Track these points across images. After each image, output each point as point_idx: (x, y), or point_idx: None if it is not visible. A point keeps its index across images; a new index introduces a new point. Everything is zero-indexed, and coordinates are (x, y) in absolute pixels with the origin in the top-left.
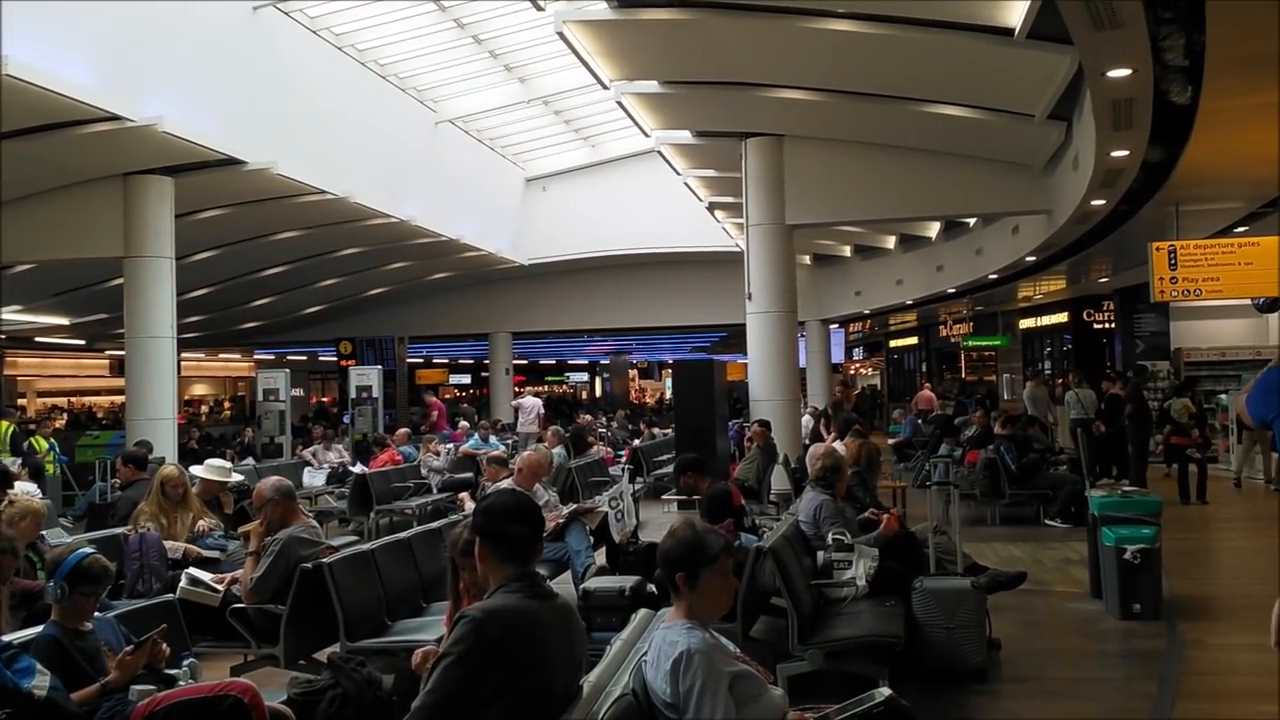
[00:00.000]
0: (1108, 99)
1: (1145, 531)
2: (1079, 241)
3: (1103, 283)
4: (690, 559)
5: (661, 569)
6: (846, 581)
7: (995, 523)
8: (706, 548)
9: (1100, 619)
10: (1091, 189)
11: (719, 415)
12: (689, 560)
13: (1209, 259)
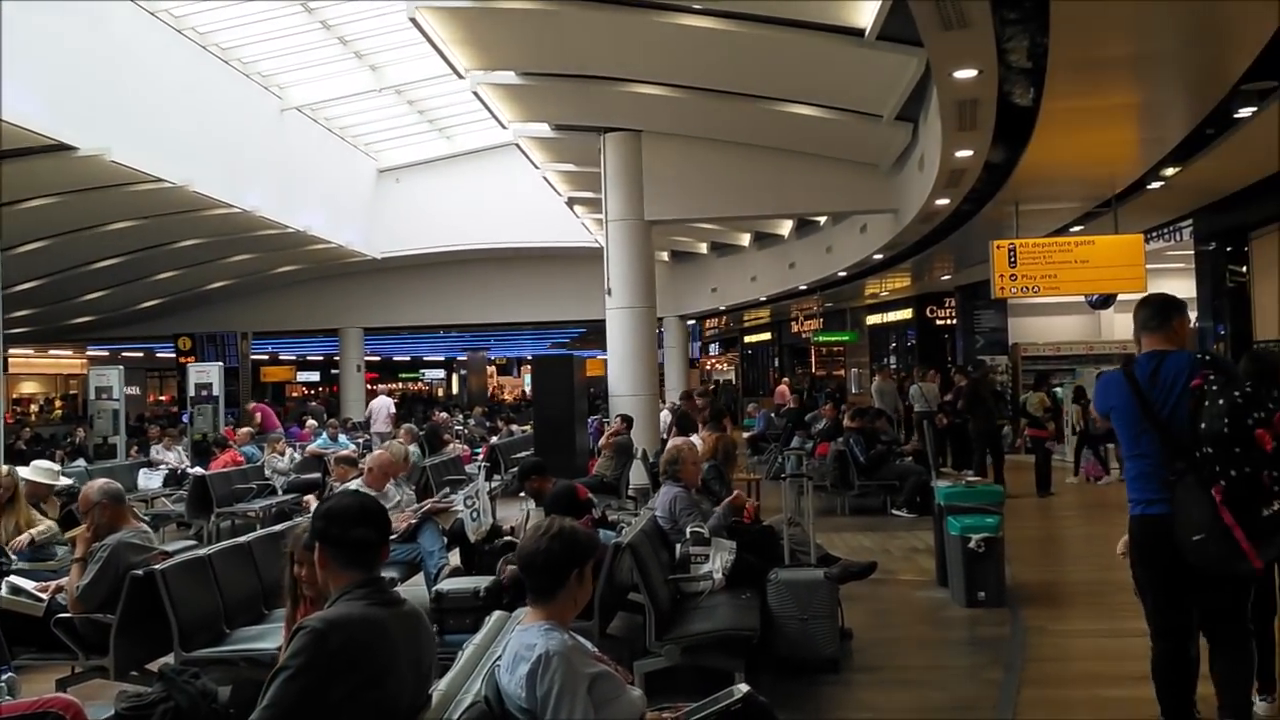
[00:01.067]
0: (954, 100)
1: (989, 521)
2: (924, 240)
3: (945, 280)
4: (569, 558)
5: (531, 568)
6: (703, 575)
7: (845, 513)
8: (586, 547)
9: (947, 607)
10: (936, 189)
11: (578, 411)
12: (566, 560)
13: (1047, 257)
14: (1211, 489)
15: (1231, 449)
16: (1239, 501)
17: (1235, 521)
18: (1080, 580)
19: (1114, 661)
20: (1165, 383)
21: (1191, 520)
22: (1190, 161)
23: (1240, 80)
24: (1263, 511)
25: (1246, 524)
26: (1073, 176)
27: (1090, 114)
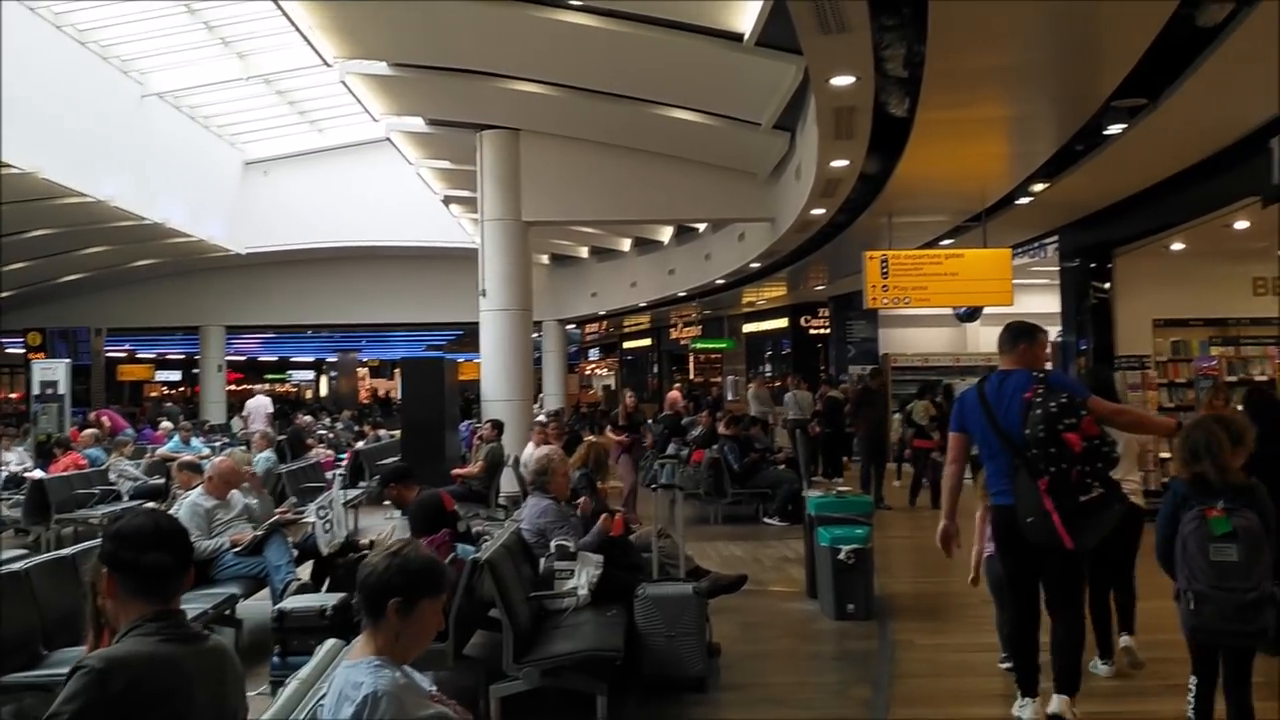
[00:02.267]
0: (831, 107)
1: (858, 531)
2: (800, 249)
3: (820, 290)
4: (412, 586)
5: (363, 586)
6: (567, 592)
7: (718, 521)
8: (434, 577)
9: (816, 619)
10: (812, 198)
11: (449, 415)
12: (410, 587)
13: (918, 269)
14: (1038, 481)
15: (1049, 450)
16: (1058, 491)
17: (1054, 508)
18: (948, 592)
19: (982, 678)
20: (1006, 396)
21: (1025, 506)
22: (1059, 178)
23: (1111, 96)
24: (1079, 498)
25: (1064, 509)
26: (945, 189)
27: (963, 126)
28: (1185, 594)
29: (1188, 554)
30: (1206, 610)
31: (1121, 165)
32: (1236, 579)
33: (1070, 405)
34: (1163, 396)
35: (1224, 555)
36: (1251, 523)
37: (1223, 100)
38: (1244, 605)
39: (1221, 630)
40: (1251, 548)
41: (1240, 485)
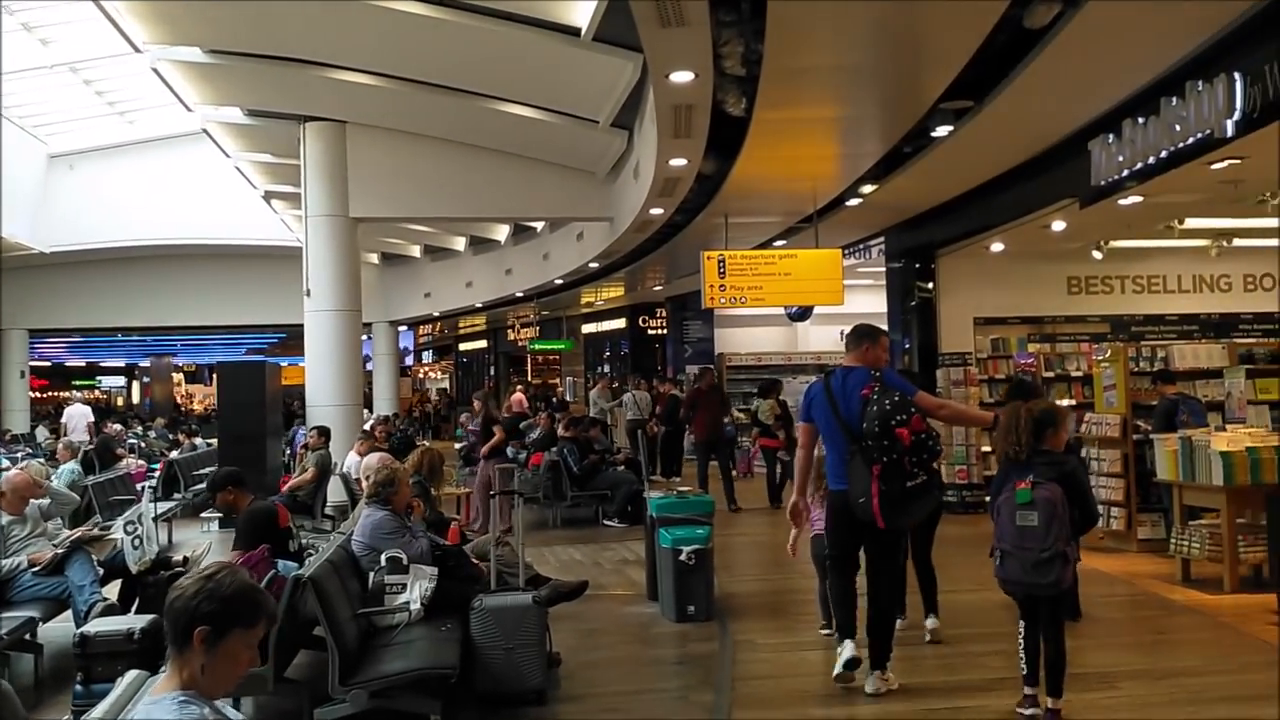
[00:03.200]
0: (670, 104)
1: (699, 532)
2: (638, 249)
3: (658, 290)
4: (222, 615)
5: (173, 617)
6: (399, 607)
7: (557, 525)
8: (249, 606)
9: (657, 622)
10: (651, 197)
11: (270, 423)
12: (220, 616)
13: (754, 269)
14: (872, 468)
15: (883, 442)
16: (888, 477)
17: (877, 491)
18: (789, 589)
19: (822, 677)
20: (848, 391)
21: (858, 489)
22: (887, 180)
23: (939, 99)
24: (907, 484)
25: (889, 493)
26: (779, 190)
27: (797, 126)
28: (996, 551)
29: (1000, 519)
30: (1009, 565)
31: (947, 167)
32: (1034, 541)
33: (903, 403)
34: (984, 392)
35: (1026, 521)
36: (1053, 494)
37: (1045, 103)
38: (1039, 562)
39: (1022, 582)
40: (1050, 515)
41: (1049, 461)
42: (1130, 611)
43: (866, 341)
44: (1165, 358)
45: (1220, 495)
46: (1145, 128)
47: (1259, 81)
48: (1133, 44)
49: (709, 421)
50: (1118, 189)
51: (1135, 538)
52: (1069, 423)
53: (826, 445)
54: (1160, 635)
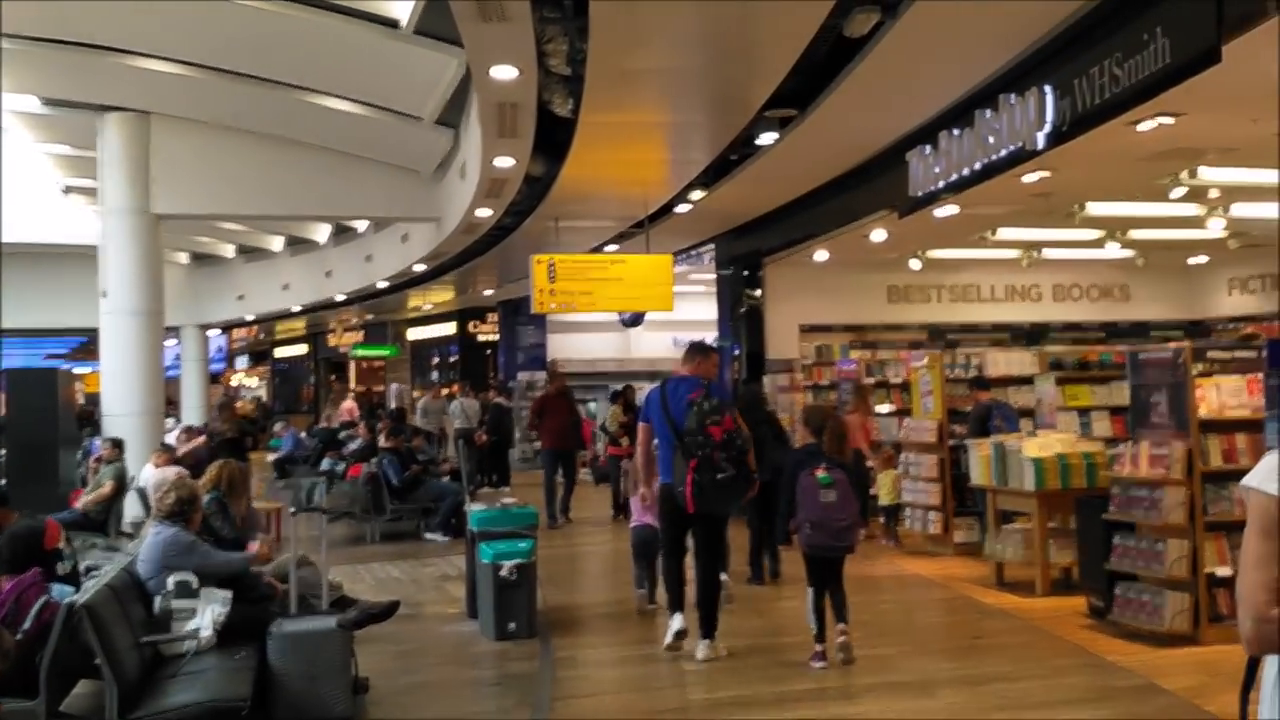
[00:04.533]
0: (494, 102)
1: (522, 546)
2: (466, 251)
3: (488, 294)
4: None
5: None
6: (188, 634)
7: (376, 540)
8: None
9: (476, 641)
10: (478, 198)
11: (64, 433)
12: None
13: (585, 274)
14: (689, 461)
15: (697, 437)
16: (701, 469)
17: (690, 482)
18: (612, 600)
19: (643, 693)
20: (679, 396)
21: (679, 479)
22: (716, 187)
23: (764, 106)
24: (716, 476)
25: (701, 483)
26: (610, 194)
27: (626, 129)
28: (804, 525)
29: (806, 498)
30: (817, 535)
31: (773, 176)
32: (834, 513)
33: (720, 405)
34: (809, 397)
35: (827, 498)
36: (842, 478)
37: (865, 114)
38: (839, 530)
39: (826, 545)
40: (843, 494)
41: (838, 455)
42: (947, 616)
43: (699, 356)
44: (980, 365)
45: (1032, 500)
46: (960, 140)
47: (1069, 95)
48: (948, 57)
49: (557, 429)
50: (934, 200)
51: (952, 541)
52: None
53: (660, 444)
54: (977, 640)
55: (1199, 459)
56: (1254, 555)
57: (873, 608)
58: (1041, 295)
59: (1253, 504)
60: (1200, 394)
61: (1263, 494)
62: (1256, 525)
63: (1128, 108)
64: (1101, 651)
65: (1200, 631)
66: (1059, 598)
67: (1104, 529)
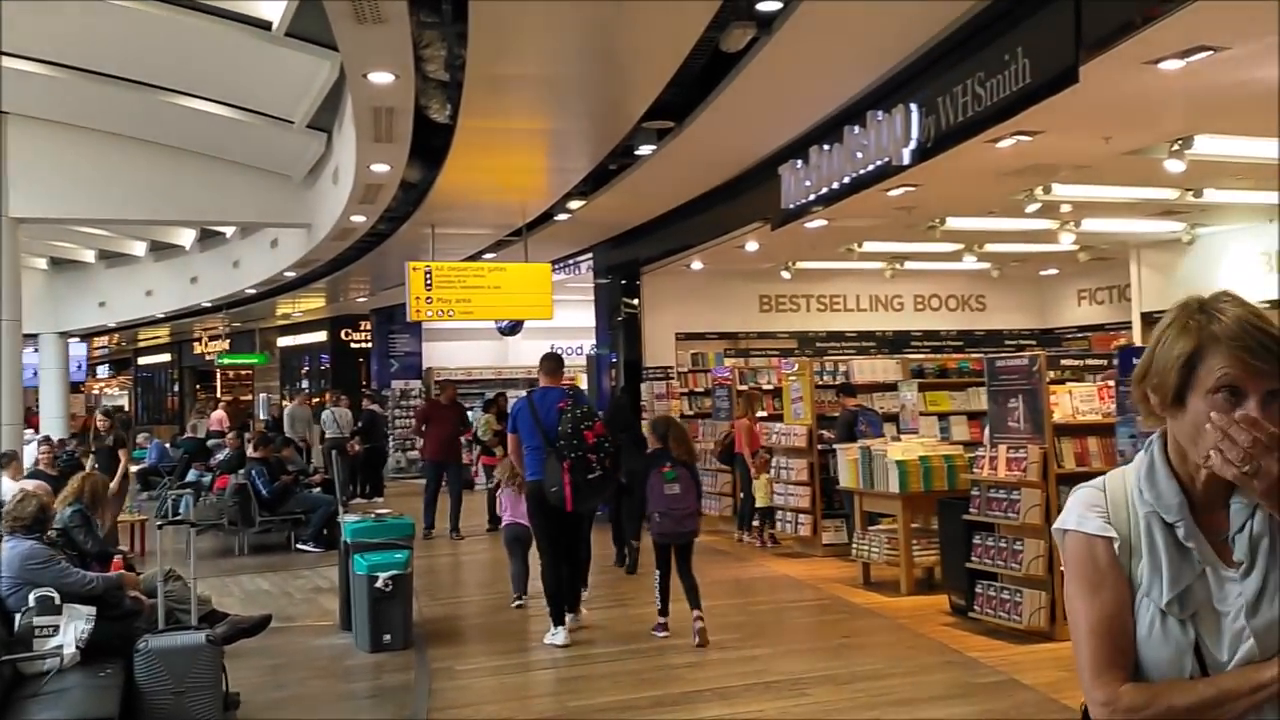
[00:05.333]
0: (369, 106)
1: (398, 556)
2: (339, 258)
3: (361, 302)
4: None
5: None
6: (50, 651)
7: (244, 553)
8: None
9: (350, 653)
10: (351, 204)
11: None
12: None
13: (462, 281)
14: (563, 463)
15: (573, 441)
16: (575, 470)
17: (568, 482)
18: (489, 610)
19: (522, 701)
20: (548, 405)
21: (552, 480)
22: (595, 196)
23: (643, 117)
24: (588, 476)
25: (575, 483)
26: (488, 201)
27: (504, 136)
28: (654, 515)
29: (654, 492)
30: (664, 523)
31: (650, 186)
32: (678, 503)
33: (590, 413)
34: (685, 405)
35: (672, 491)
36: (685, 474)
37: (740, 128)
38: (683, 517)
39: (672, 532)
40: (685, 487)
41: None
42: (817, 616)
43: (559, 368)
44: (846, 372)
45: (896, 502)
46: (830, 155)
47: (934, 113)
48: (820, 73)
49: (443, 440)
50: (805, 212)
51: (820, 543)
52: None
53: (527, 448)
54: (845, 639)
55: (1054, 461)
56: (1086, 619)
57: (746, 609)
58: (903, 305)
59: (1071, 552)
60: (1054, 400)
61: (1081, 535)
62: (1080, 578)
63: (989, 126)
64: (964, 648)
65: (1057, 628)
66: (923, 596)
67: (964, 529)
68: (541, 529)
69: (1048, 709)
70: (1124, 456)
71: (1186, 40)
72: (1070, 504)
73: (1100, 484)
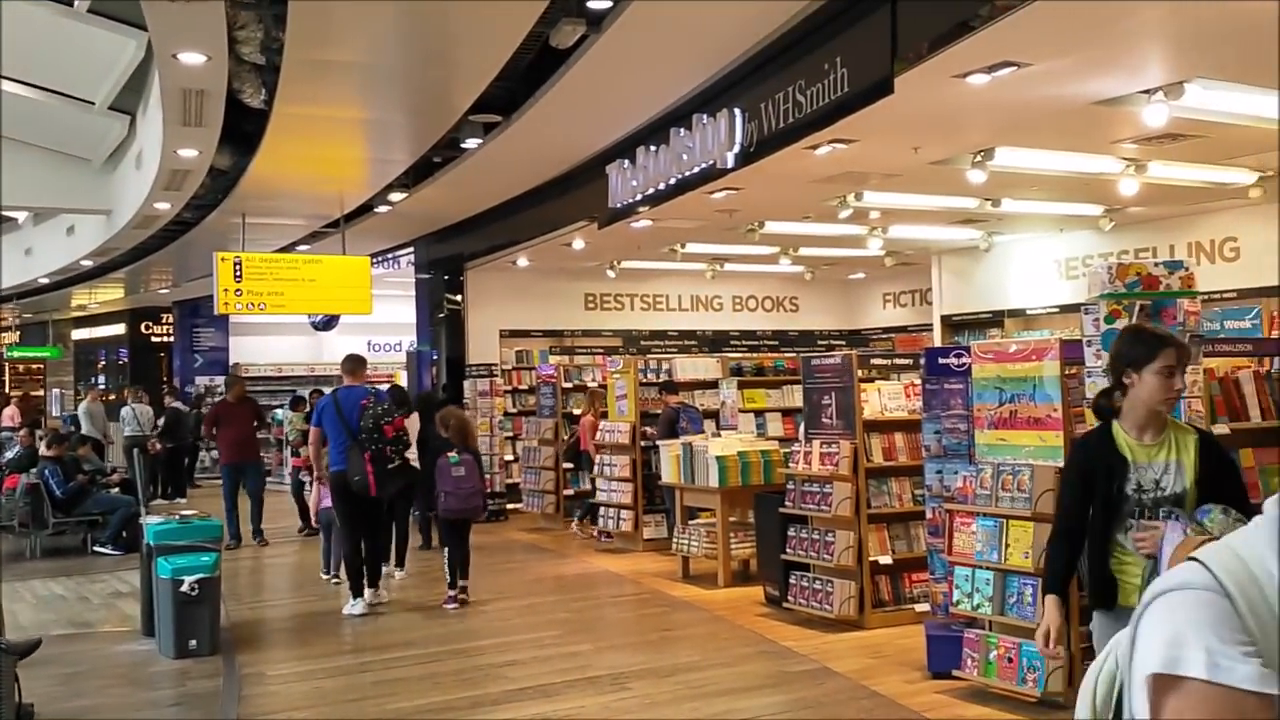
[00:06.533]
0: (179, 88)
1: (205, 559)
2: (141, 247)
3: (164, 293)
4: None
5: None
6: None
7: (38, 556)
8: None
9: (153, 660)
10: (155, 190)
11: None
12: None
13: (274, 274)
14: (364, 454)
15: (374, 435)
16: (375, 461)
17: (370, 471)
18: (301, 613)
19: (337, 705)
20: (352, 402)
21: (354, 470)
22: (417, 189)
23: (470, 110)
24: (388, 466)
25: (377, 472)
26: (304, 191)
27: (323, 124)
28: (442, 495)
29: (442, 476)
30: (450, 501)
31: (476, 180)
32: (463, 484)
33: (389, 410)
34: (509, 402)
35: (458, 473)
36: (469, 459)
37: (568, 125)
38: (467, 496)
39: (458, 509)
40: (469, 471)
41: (464, 444)
42: (637, 610)
43: (361, 368)
44: (669, 370)
45: (715, 496)
46: (657, 155)
47: (757, 118)
48: (648, 74)
49: (237, 440)
50: (631, 212)
51: (641, 538)
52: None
53: (332, 442)
54: (665, 632)
55: (864, 456)
56: None
57: (567, 606)
58: (723, 305)
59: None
60: (864, 397)
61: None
62: None
63: (808, 133)
64: (778, 638)
65: (865, 616)
66: (740, 588)
67: (780, 522)
68: (344, 513)
69: (857, 694)
70: (929, 451)
71: (994, 56)
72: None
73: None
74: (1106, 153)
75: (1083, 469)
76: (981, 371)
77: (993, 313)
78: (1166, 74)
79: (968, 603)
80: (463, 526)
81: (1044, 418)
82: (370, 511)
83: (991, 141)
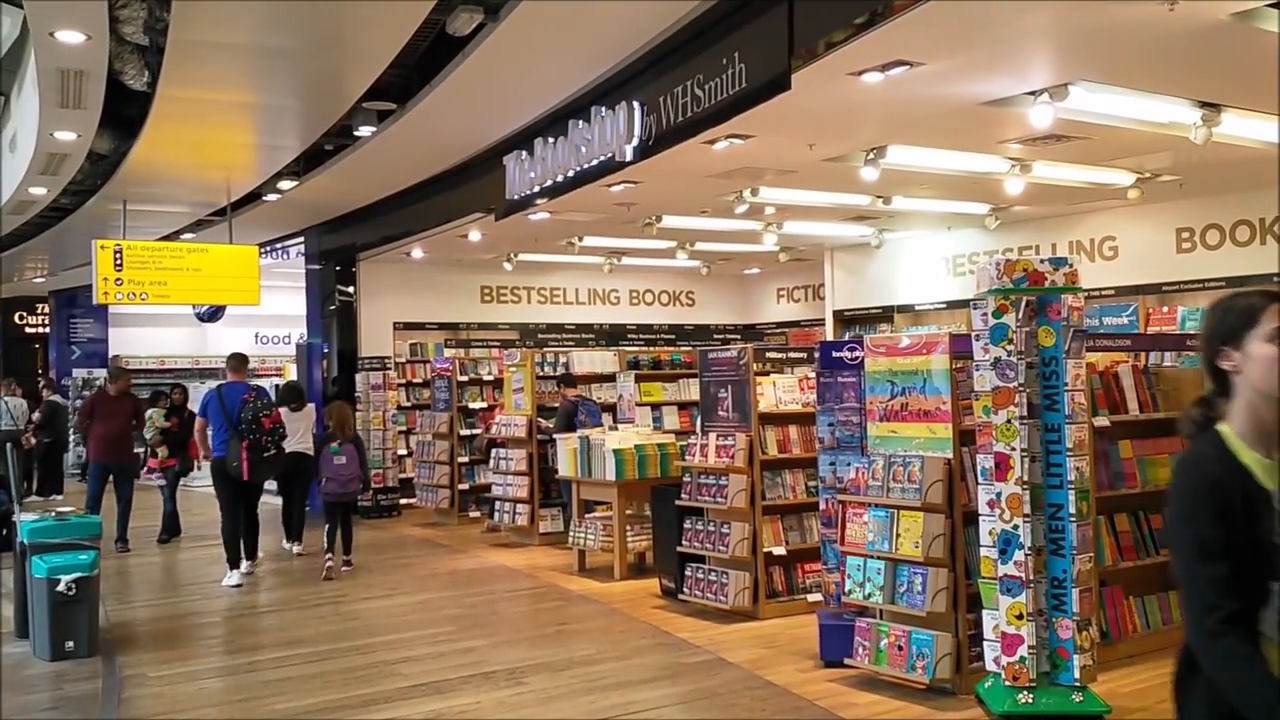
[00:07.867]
0: (56, 68)
1: (83, 558)
2: (15, 234)
3: (39, 282)
4: None
5: None
6: None
7: None
8: None
9: (28, 663)
10: (30, 175)
11: None
12: None
13: (157, 262)
14: (243, 443)
15: (253, 426)
16: (252, 449)
17: (246, 459)
18: (187, 613)
19: (223, 707)
20: (235, 396)
21: (232, 456)
22: (308, 177)
23: (363, 98)
24: (263, 454)
25: (252, 460)
26: (188, 177)
27: (209, 108)
28: (324, 479)
29: (324, 463)
30: (331, 485)
31: (370, 169)
32: (343, 471)
33: (268, 404)
34: (403, 396)
35: (339, 461)
36: (350, 449)
37: (465, 114)
38: (346, 481)
39: (338, 493)
40: (349, 458)
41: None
42: (533, 605)
43: (243, 366)
44: (566, 363)
45: (612, 489)
46: (555, 147)
47: (655, 111)
48: (547, 64)
49: (110, 437)
50: (529, 204)
51: (537, 532)
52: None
53: (214, 432)
54: (561, 626)
55: (759, 448)
56: None
57: (462, 601)
58: (620, 299)
59: None
60: (759, 390)
61: None
62: None
63: (706, 127)
64: (674, 630)
65: (760, 607)
66: (635, 581)
67: (676, 514)
68: (223, 495)
69: (751, 684)
70: (823, 443)
71: (888, 54)
72: None
73: None
74: (993, 152)
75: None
76: (874, 365)
77: (883, 308)
78: (1052, 76)
79: (859, 592)
80: (342, 508)
81: (933, 410)
82: (247, 494)
83: (884, 139)
